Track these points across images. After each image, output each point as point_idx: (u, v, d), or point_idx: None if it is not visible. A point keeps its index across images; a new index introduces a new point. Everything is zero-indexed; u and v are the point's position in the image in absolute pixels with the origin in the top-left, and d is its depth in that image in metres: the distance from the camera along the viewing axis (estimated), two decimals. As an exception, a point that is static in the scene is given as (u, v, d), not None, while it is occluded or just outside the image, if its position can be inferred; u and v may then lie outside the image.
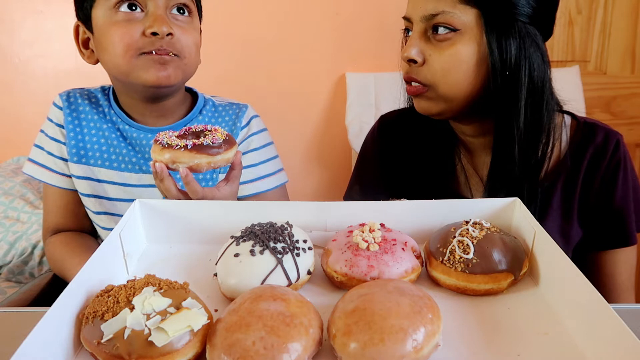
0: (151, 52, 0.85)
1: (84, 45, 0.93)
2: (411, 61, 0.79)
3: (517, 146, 0.78)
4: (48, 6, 1.64)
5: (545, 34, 0.80)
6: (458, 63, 0.76)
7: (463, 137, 0.90)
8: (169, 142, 0.69)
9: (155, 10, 0.85)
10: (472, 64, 0.77)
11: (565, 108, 0.88)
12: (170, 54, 0.86)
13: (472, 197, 0.88)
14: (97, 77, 1.45)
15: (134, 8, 0.85)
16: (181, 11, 0.89)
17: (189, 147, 0.68)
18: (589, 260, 0.88)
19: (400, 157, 0.93)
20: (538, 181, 0.81)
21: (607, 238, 0.86)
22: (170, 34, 0.85)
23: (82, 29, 0.92)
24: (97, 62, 0.93)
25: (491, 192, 0.82)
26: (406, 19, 0.82)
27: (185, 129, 0.74)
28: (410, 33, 0.81)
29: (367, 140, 1.04)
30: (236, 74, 1.71)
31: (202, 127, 0.75)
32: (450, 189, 0.91)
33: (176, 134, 0.73)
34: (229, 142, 0.72)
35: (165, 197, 0.75)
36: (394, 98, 0.95)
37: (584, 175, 0.84)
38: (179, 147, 0.69)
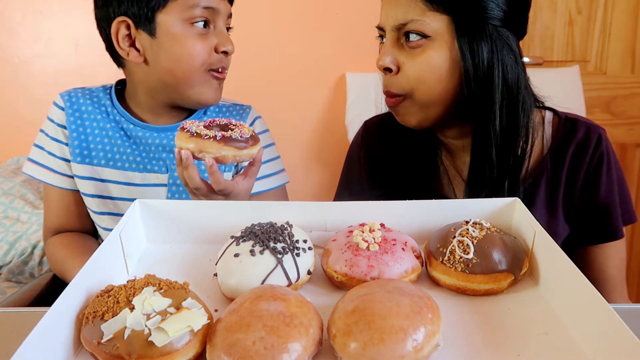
0: (217, 70, 0.91)
1: (125, 43, 0.89)
2: (386, 70, 0.80)
3: (494, 148, 0.79)
4: (48, 6, 1.64)
5: (518, 35, 0.80)
6: (431, 69, 0.77)
7: (445, 139, 0.91)
8: (198, 131, 0.70)
9: (222, 28, 0.91)
10: (445, 69, 0.77)
11: (547, 104, 0.89)
12: (225, 70, 0.94)
13: (455, 198, 0.89)
14: (97, 77, 1.45)
15: (206, 25, 0.89)
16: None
17: (217, 138, 0.69)
18: (578, 256, 0.88)
19: (384, 161, 0.94)
20: (519, 179, 0.82)
21: (594, 233, 0.87)
22: None
23: (126, 24, 0.88)
24: (144, 61, 0.90)
25: (471, 192, 0.83)
26: (379, 28, 0.83)
27: (210, 121, 0.76)
28: (384, 41, 0.82)
29: (352, 146, 1.05)
30: (236, 73, 1.70)
31: (226, 121, 0.76)
32: (434, 191, 0.91)
33: (202, 124, 0.74)
34: (254, 138, 0.74)
35: (186, 186, 0.76)
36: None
37: (567, 171, 0.85)
38: (207, 137, 0.69)
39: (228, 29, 0.95)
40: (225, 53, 0.92)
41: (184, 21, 0.87)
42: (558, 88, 1.66)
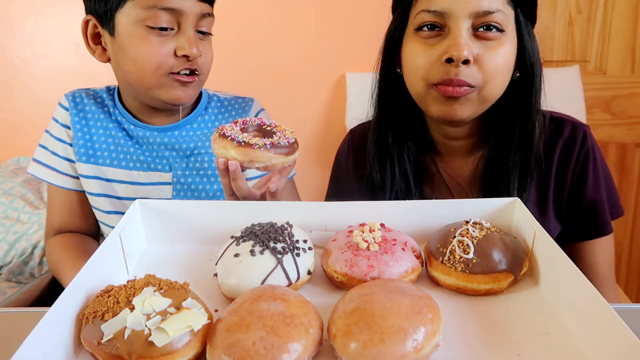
0: (179, 72, 0.87)
1: (93, 40, 0.91)
2: (464, 62, 0.74)
3: (535, 137, 0.81)
4: (48, 6, 1.64)
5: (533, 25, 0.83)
6: (506, 63, 0.76)
7: (442, 142, 0.89)
8: (246, 140, 0.65)
9: (186, 30, 0.85)
10: (512, 65, 0.78)
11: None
12: (195, 73, 0.88)
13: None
14: (96, 77, 1.45)
15: (168, 27, 0.85)
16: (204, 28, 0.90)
17: (267, 146, 0.65)
18: (568, 252, 0.88)
19: (372, 169, 0.91)
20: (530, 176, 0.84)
21: (583, 229, 0.87)
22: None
23: (93, 23, 0.89)
24: (108, 60, 0.92)
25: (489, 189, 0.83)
26: (436, 13, 0.75)
27: (243, 122, 0.71)
28: (436, 30, 0.76)
29: (339, 154, 1.02)
30: (236, 74, 1.71)
31: (259, 120, 0.72)
32: (429, 196, 0.90)
33: (238, 127, 0.69)
34: (296, 141, 0.70)
35: (230, 196, 0.73)
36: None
37: (556, 170, 0.85)
38: (257, 146, 0.65)
39: (204, 32, 0.89)
40: (187, 57, 0.85)
41: (140, 22, 0.83)
42: (558, 88, 1.66)
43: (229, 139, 0.66)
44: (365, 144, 0.92)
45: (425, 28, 0.77)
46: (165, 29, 0.84)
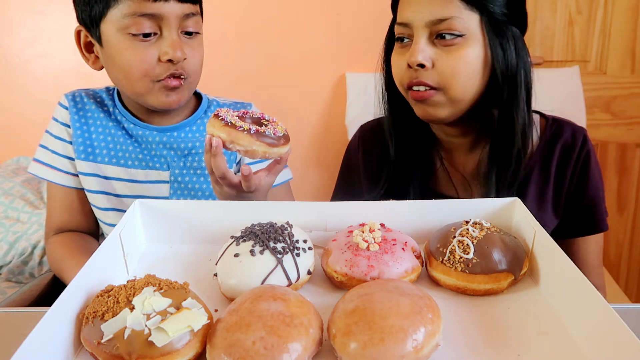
0: (168, 78, 0.87)
1: (86, 49, 0.93)
2: (419, 66, 0.79)
3: (521, 141, 0.82)
4: (48, 6, 1.64)
5: (523, 32, 0.85)
6: (466, 66, 0.79)
7: (444, 139, 0.93)
8: (232, 121, 0.69)
9: (169, 34, 0.85)
10: (479, 66, 0.80)
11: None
12: (182, 77, 0.88)
13: (457, 196, 0.91)
14: (96, 77, 1.45)
15: (150, 34, 0.85)
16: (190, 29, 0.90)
17: (251, 131, 0.68)
18: (561, 246, 0.90)
19: (383, 163, 0.95)
20: (519, 175, 0.86)
21: (582, 226, 0.91)
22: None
23: (84, 33, 0.91)
24: (101, 68, 0.93)
25: (489, 188, 0.85)
26: (403, 24, 0.81)
27: (244, 112, 0.74)
28: (406, 41, 0.82)
29: (350, 149, 1.05)
30: (236, 73, 1.71)
31: (259, 114, 0.75)
32: (432, 189, 0.93)
33: (236, 114, 0.73)
34: (286, 137, 0.72)
35: (211, 174, 0.76)
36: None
37: (555, 170, 0.89)
38: (242, 129, 0.68)
39: (190, 33, 0.88)
40: (171, 61, 0.85)
41: (123, 30, 0.84)
42: (558, 88, 1.66)
43: (219, 118, 0.69)
44: (375, 139, 0.97)
45: (398, 39, 0.83)
46: (148, 35, 0.84)
